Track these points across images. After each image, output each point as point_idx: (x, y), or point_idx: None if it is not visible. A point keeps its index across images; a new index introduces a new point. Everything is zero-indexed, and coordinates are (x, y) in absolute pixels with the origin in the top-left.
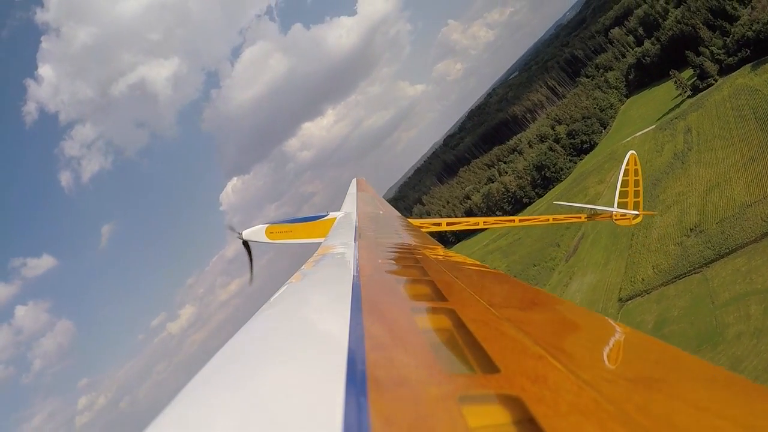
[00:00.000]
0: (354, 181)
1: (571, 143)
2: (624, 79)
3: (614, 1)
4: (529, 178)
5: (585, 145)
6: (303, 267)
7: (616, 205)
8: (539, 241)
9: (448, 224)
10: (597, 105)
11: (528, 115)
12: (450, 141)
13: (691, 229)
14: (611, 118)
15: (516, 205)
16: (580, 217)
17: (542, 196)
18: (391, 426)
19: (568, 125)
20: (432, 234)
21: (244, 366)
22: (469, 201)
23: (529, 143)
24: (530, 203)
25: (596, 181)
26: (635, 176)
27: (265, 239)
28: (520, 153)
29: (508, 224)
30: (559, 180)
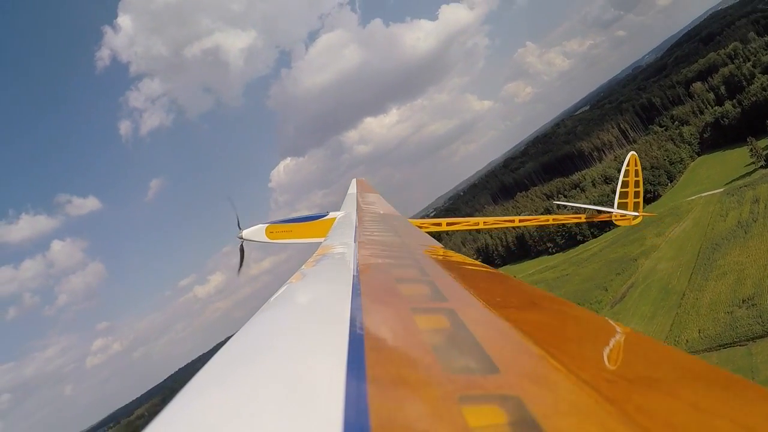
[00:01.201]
0: (354, 181)
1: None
2: (698, 136)
3: (699, 54)
4: (585, 218)
5: (648, 195)
6: (303, 267)
7: (616, 205)
8: (588, 281)
9: (448, 224)
10: (667, 157)
11: (595, 153)
12: (511, 163)
13: (743, 300)
14: (679, 172)
15: (569, 240)
16: (580, 218)
17: (597, 237)
18: (391, 426)
19: None
20: (432, 234)
21: (243, 366)
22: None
23: (592, 182)
24: (583, 241)
25: (654, 233)
26: (635, 177)
27: (265, 239)
28: (582, 190)
29: (507, 224)
30: (615, 225)
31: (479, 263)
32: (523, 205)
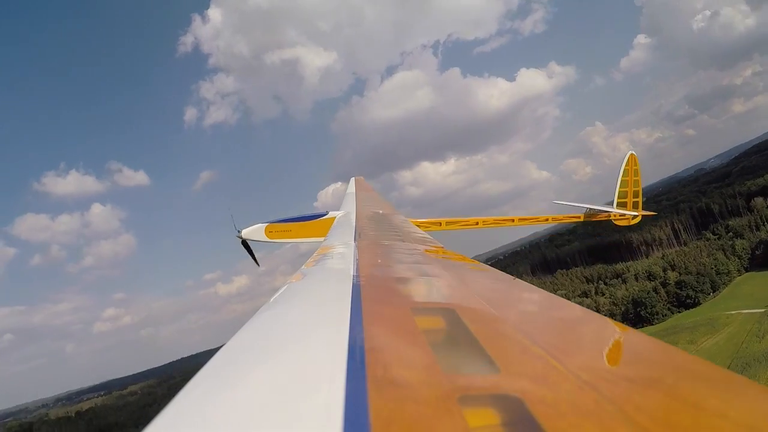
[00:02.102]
0: (353, 180)
1: (676, 292)
2: (750, 252)
3: (766, 169)
4: (622, 308)
5: (689, 300)
6: (303, 267)
7: (615, 205)
8: None
9: (447, 223)
10: (715, 266)
11: (643, 247)
12: (556, 238)
13: None
14: (724, 284)
15: None
16: (579, 217)
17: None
18: (391, 426)
19: (680, 274)
20: (431, 233)
21: (244, 366)
22: None
23: (635, 275)
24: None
25: (687, 341)
26: (635, 176)
27: (264, 238)
28: (624, 281)
29: (507, 224)
30: (650, 322)
31: (479, 263)
32: (561, 283)
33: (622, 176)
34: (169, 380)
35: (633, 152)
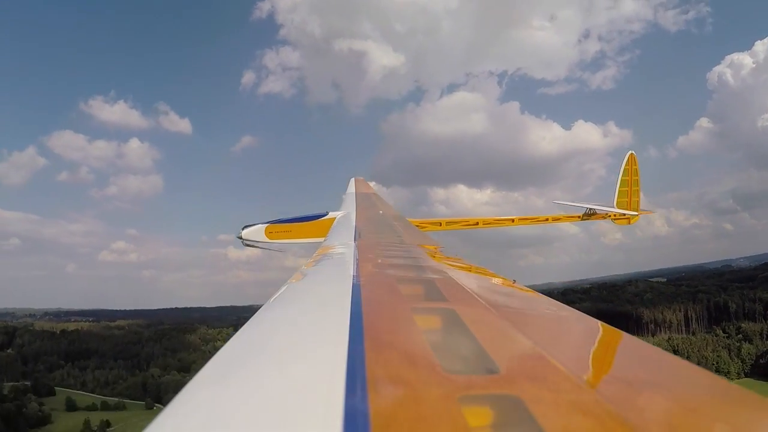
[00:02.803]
0: (352, 180)
1: None
2: (755, 359)
3: None
4: None
5: None
6: (303, 267)
7: (615, 204)
8: None
9: (447, 223)
10: (716, 363)
11: (652, 325)
12: (569, 294)
13: None
14: None
15: None
16: (579, 217)
17: None
18: (391, 426)
19: None
20: (431, 233)
21: (244, 366)
22: None
23: None
24: None
25: None
26: (635, 176)
27: (265, 239)
28: None
29: (506, 224)
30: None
31: (478, 267)
32: None
33: (622, 176)
34: (158, 325)
35: (633, 152)
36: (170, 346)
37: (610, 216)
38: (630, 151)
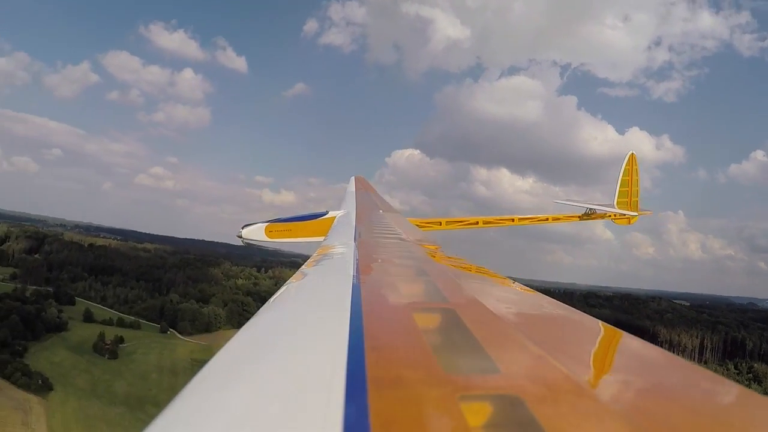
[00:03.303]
0: (353, 179)
1: None
2: None
3: None
4: None
5: None
6: (303, 267)
7: (615, 204)
8: None
9: (447, 223)
10: None
11: (666, 345)
12: (591, 298)
13: None
14: None
15: None
16: (579, 216)
17: None
18: (391, 426)
19: None
20: (431, 233)
21: (244, 366)
22: None
23: None
24: None
25: None
26: (635, 176)
27: (265, 238)
28: None
29: (507, 223)
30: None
31: (478, 267)
32: None
33: (623, 176)
34: (184, 254)
35: (633, 152)
36: (192, 275)
37: (610, 216)
38: (631, 151)
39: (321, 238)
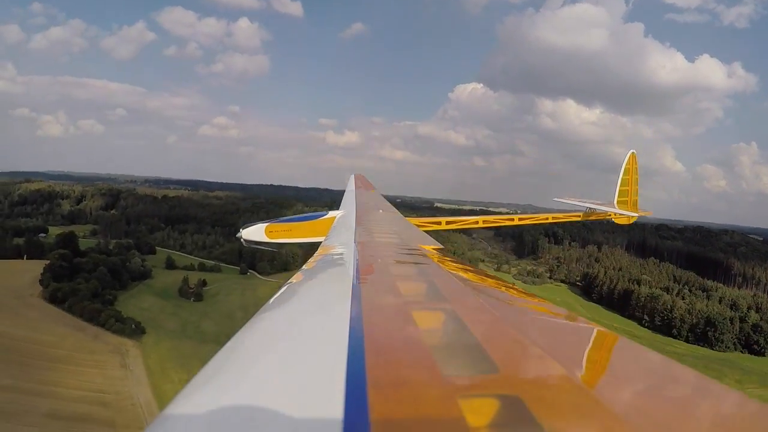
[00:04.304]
0: (352, 177)
1: (749, 333)
2: None
3: None
4: (694, 319)
5: (756, 347)
6: (303, 267)
7: (615, 204)
8: None
9: (447, 223)
10: None
11: (740, 278)
12: (663, 229)
13: None
14: None
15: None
16: (579, 216)
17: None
18: (391, 426)
19: (761, 318)
20: (431, 233)
21: (244, 366)
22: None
23: (720, 298)
24: (676, 336)
25: (736, 380)
26: (635, 176)
27: (265, 238)
28: (708, 297)
29: (507, 223)
30: (711, 346)
31: (478, 268)
32: (650, 270)
33: (623, 175)
34: (254, 198)
35: (634, 151)
36: (267, 218)
37: (610, 215)
38: (631, 151)
39: (321, 239)
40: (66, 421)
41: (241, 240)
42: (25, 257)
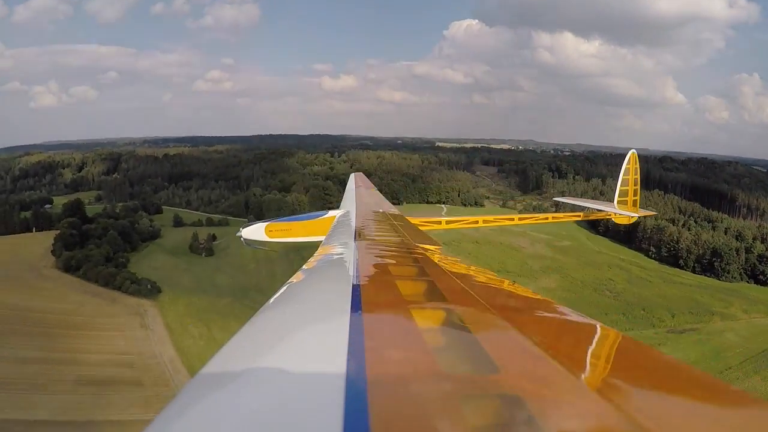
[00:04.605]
0: (352, 176)
1: (754, 263)
2: None
3: None
4: (700, 250)
5: (761, 277)
6: (304, 267)
7: (615, 203)
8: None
9: (447, 223)
10: None
11: (744, 209)
12: (666, 162)
13: None
14: None
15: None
16: (579, 216)
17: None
18: (391, 426)
19: (766, 249)
20: (430, 232)
21: (244, 366)
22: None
23: (726, 229)
24: (683, 267)
25: (743, 309)
26: (635, 175)
27: (265, 238)
28: (713, 228)
29: (507, 223)
30: (717, 276)
31: (478, 267)
32: (654, 203)
33: (623, 175)
34: (255, 150)
35: (634, 151)
36: (269, 168)
37: (610, 215)
38: (632, 151)
39: (321, 238)
40: (95, 386)
41: (242, 240)
42: (34, 230)
